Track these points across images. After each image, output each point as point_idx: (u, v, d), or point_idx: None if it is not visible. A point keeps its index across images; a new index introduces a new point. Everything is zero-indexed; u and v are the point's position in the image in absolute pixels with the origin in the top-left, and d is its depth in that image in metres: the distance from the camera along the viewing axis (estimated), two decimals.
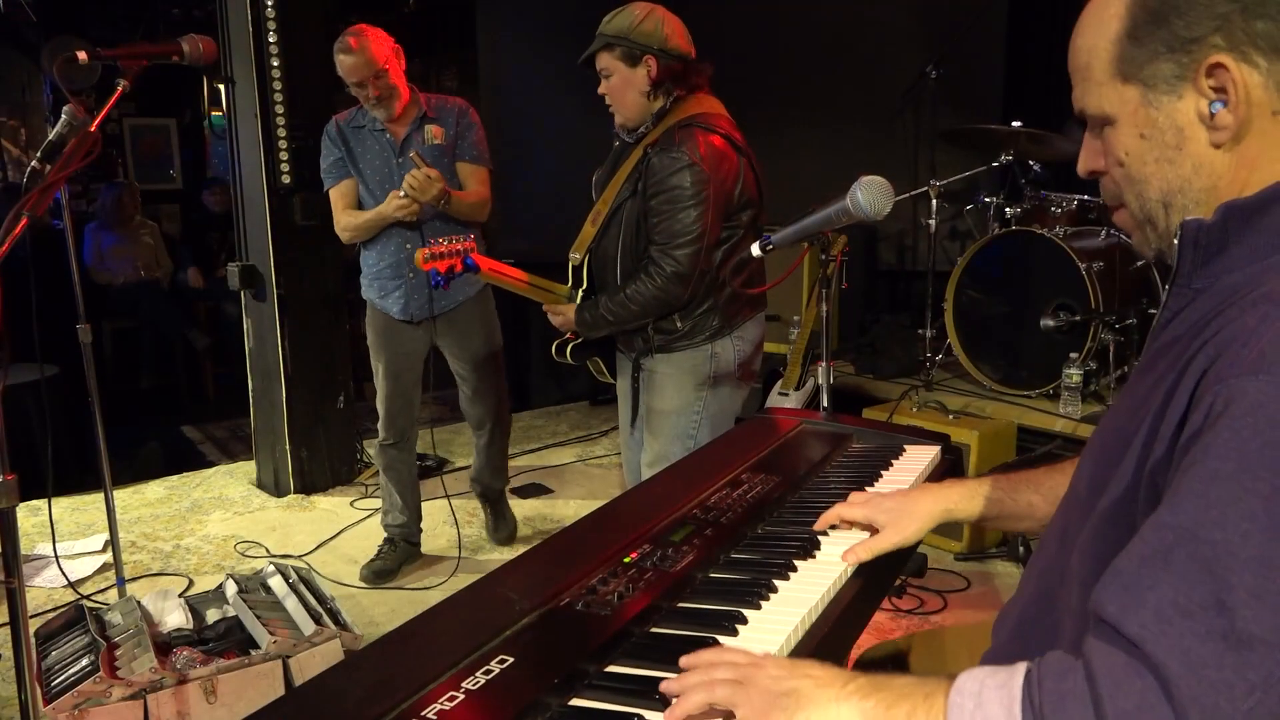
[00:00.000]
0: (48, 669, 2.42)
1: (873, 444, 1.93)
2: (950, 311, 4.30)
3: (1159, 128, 0.94)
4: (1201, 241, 0.93)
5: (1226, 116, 0.90)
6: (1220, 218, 0.92)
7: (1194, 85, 0.91)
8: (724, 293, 2.48)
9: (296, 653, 2.48)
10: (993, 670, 0.85)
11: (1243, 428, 0.77)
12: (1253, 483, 0.75)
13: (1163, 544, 0.78)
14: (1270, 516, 0.74)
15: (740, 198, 2.45)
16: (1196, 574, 0.75)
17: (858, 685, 0.93)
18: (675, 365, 2.52)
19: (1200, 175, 0.94)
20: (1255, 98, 0.89)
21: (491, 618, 1.15)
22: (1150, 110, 0.94)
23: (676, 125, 2.40)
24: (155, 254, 6.55)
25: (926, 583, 3.25)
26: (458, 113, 3.31)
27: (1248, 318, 0.83)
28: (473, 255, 2.40)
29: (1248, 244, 0.91)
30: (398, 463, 3.53)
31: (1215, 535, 0.75)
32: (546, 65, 5.44)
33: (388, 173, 3.22)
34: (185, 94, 7.99)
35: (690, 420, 2.53)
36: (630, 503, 1.72)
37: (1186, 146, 0.94)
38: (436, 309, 3.33)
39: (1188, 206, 0.96)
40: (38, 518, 3.87)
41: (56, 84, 6.60)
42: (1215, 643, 0.73)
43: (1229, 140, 0.92)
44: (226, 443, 5.40)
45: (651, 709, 1.00)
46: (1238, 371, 0.79)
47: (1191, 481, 0.79)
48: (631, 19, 2.40)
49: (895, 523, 1.40)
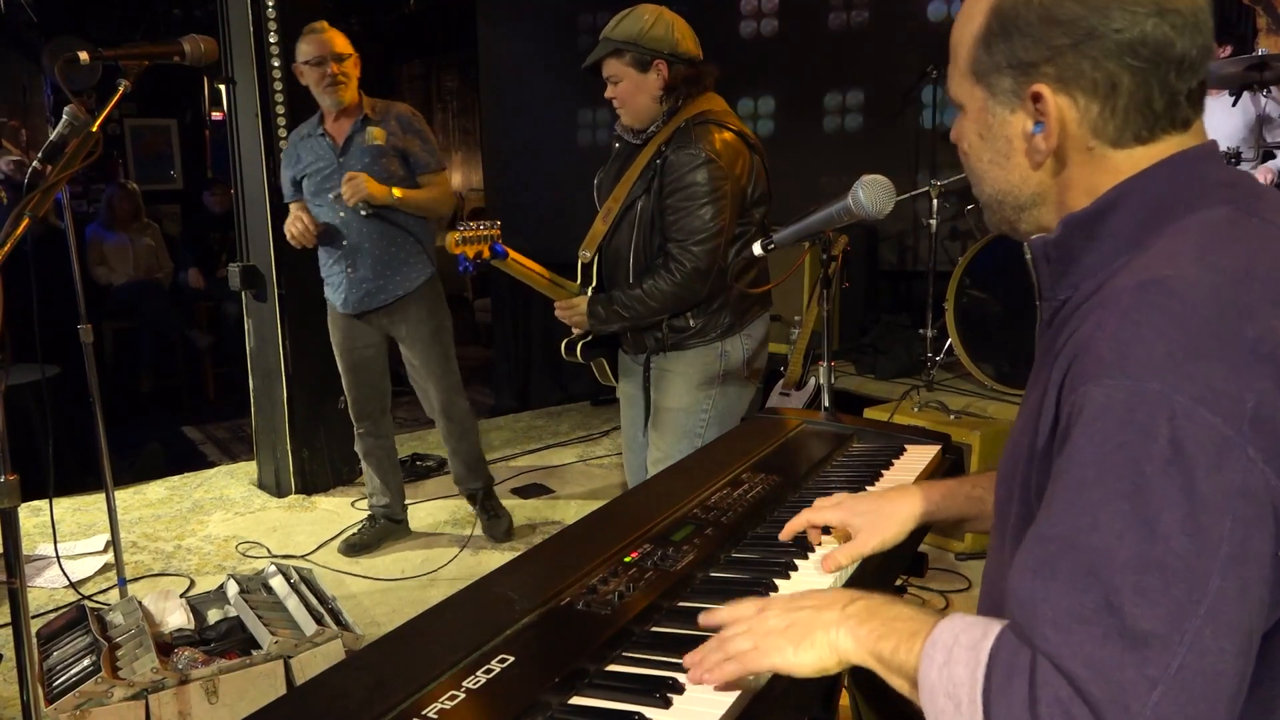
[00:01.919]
0: (49, 669, 2.42)
1: (874, 444, 1.93)
2: (951, 311, 4.30)
3: (994, 134, 0.99)
4: (1051, 255, 0.98)
5: (1041, 141, 0.95)
6: (1062, 232, 0.96)
7: (1024, 104, 0.95)
8: (735, 290, 2.48)
9: (298, 653, 2.48)
10: (969, 625, 0.87)
11: (1094, 433, 0.80)
12: (1115, 484, 0.77)
13: (1047, 555, 0.80)
14: (1138, 514, 0.76)
15: (754, 194, 2.45)
16: (1083, 580, 0.77)
17: (855, 609, 0.98)
18: (686, 363, 2.51)
19: (1026, 186, 0.99)
20: (1070, 131, 0.93)
21: (492, 617, 1.15)
22: (989, 115, 0.98)
23: (691, 122, 2.38)
24: (156, 254, 6.56)
25: (927, 583, 3.25)
26: (403, 121, 3.39)
27: (1088, 324, 0.86)
28: (501, 243, 2.39)
29: (1095, 252, 0.94)
30: (376, 449, 3.67)
31: (1092, 540, 0.78)
32: (547, 65, 5.44)
33: (330, 173, 3.33)
34: (186, 94, 8.00)
35: (698, 419, 2.52)
36: (631, 502, 1.72)
37: (1014, 158, 0.98)
38: (375, 303, 3.42)
39: (1022, 206, 1.01)
40: (39, 518, 3.87)
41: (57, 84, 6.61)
42: (1113, 644, 0.75)
43: (1047, 163, 0.96)
44: (228, 443, 5.41)
45: (652, 707, 1.00)
46: (1084, 379, 0.82)
47: (1062, 491, 0.81)
48: (641, 24, 2.36)
49: (873, 525, 1.36)
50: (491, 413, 5.61)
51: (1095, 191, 0.94)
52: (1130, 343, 0.81)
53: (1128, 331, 0.81)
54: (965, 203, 4.80)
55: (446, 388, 3.58)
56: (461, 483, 3.75)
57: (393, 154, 3.34)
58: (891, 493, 1.43)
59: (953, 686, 0.83)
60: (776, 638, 1.00)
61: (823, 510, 1.41)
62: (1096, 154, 0.93)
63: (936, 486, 1.42)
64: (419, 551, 3.67)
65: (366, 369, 3.55)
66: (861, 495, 1.44)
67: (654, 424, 2.60)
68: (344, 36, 3.33)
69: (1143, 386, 0.78)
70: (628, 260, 2.47)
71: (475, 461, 3.73)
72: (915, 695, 0.88)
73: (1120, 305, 0.84)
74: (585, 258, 2.55)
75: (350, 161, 3.28)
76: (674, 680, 1.04)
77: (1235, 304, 0.80)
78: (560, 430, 5.27)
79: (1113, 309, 0.84)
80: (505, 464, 4.68)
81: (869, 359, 4.68)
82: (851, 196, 1.76)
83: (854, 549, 1.34)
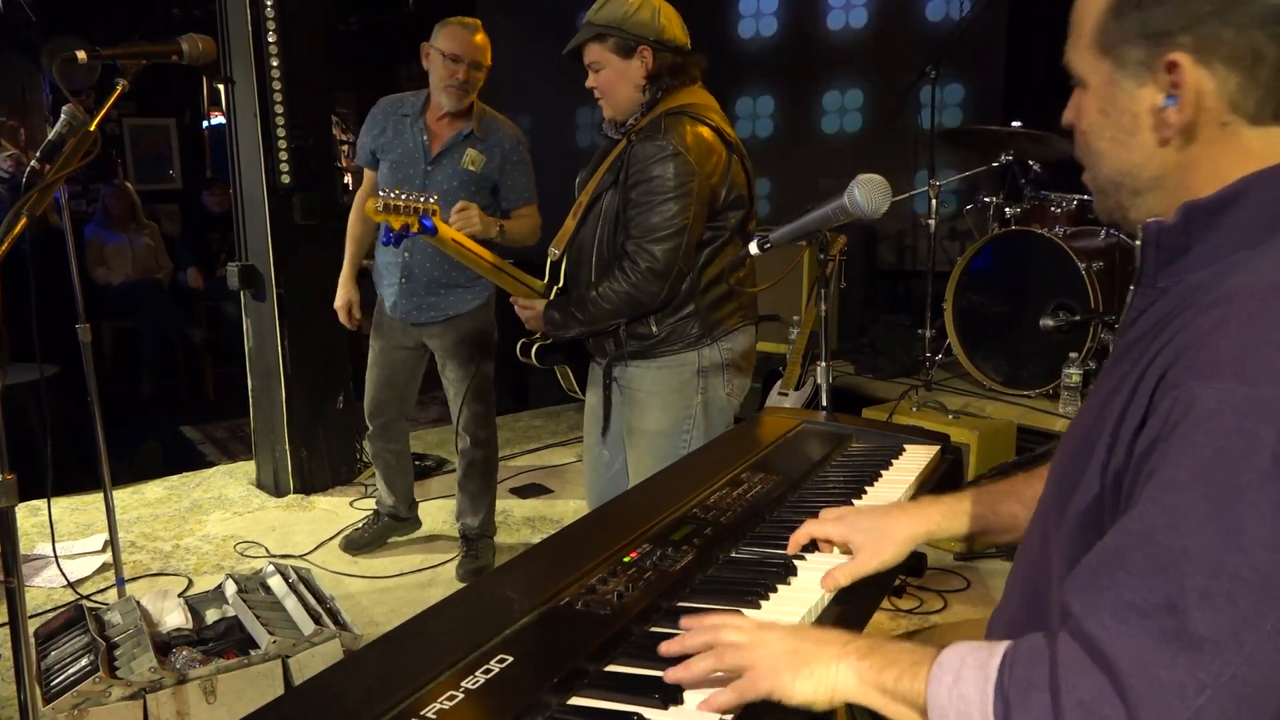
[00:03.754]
0: (47, 669, 2.42)
1: (872, 444, 1.93)
2: (950, 311, 4.30)
3: (1119, 108, 0.94)
4: (1164, 242, 0.94)
5: (1174, 115, 0.90)
6: (1181, 218, 0.92)
7: (1155, 77, 0.91)
8: (706, 298, 2.32)
9: (296, 652, 2.48)
10: (975, 647, 0.87)
11: (1196, 435, 0.78)
12: (1205, 489, 0.76)
13: (1122, 545, 0.80)
14: (1220, 522, 0.75)
15: (728, 196, 2.29)
16: (1152, 575, 0.77)
17: (856, 646, 0.98)
18: (661, 383, 2.35)
19: (1148, 166, 0.95)
20: (1206, 104, 0.89)
21: (491, 617, 1.15)
22: (1114, 89, 0.94)
23: (665, 114, 2.24)
24: (155, 254, 6.55)
25: (926, 583, 3.25)
26: (507, 150, 3.20)
27: (1204, 320, 0.83)
28: (433, 219, 2.26)
29: (1209, 243, 0.90)
30: (384, 452, 3.56)
31: (1170, 539, 0.77)
32: (546, 65, 5.43)
33: (412, 173, 3.17)
34: (185, 94, 7.99)
35: (679, 441, 2.36)
36: (630, 502, 1.72)
37: (1139, 135, 0.94)
38: (424, 318, 3.28)
39: (1139, 190, 0.97)
40: (37, 517, 3.87)
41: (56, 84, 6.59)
42: (1168, 643, 0.74)
43: (1175, 139, 0.92)
44: (226, 443, 5.40)
45: (651, 707, 1.00)
46: (1193, 376, 0.80)
47: (1151, 488, 0.80)
48: (625, 8, 2.23)
49: (873, 544, 1.34)
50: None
51: (1221, 175, 0.90)
52: (1254, 347, 0.78)
53: (1253, 335, 0.78)
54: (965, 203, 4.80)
55: (480, 418, 3.40)
56: (460, 517, 3.51)
57: (484, 184, 3.17)
58: (894, 510, 1.41)
59: (963, 705, 0.83)
60: (778, 661, 0.99)
61: (825, 524, 1.39)
62: (1230, 131, 0.89)
63: (937, 505, 1.40)
64: (418, 552, 3.67)
65: (394, 370, 3.42)
66: (865, 511, 1.42)
67: (631, 447, 2.43)
68: (490, 47, 3.14)
69: (1259, 395, 0.76)
70: (591, 257, 2.33)
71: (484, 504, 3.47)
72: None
73: (1248, 307, 0.80)
74: (554, 255, 2.42)
75: (438, 176, 3.11)
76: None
77: None
78: (560, 430, 5.27)
79: (1238, 309, 0.81)
80: (504, 464, 4.66)
81: (868, 359, 4.68)
82: (847, 196, 1.75)
83: (854, 569, 1.33)
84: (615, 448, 2.53)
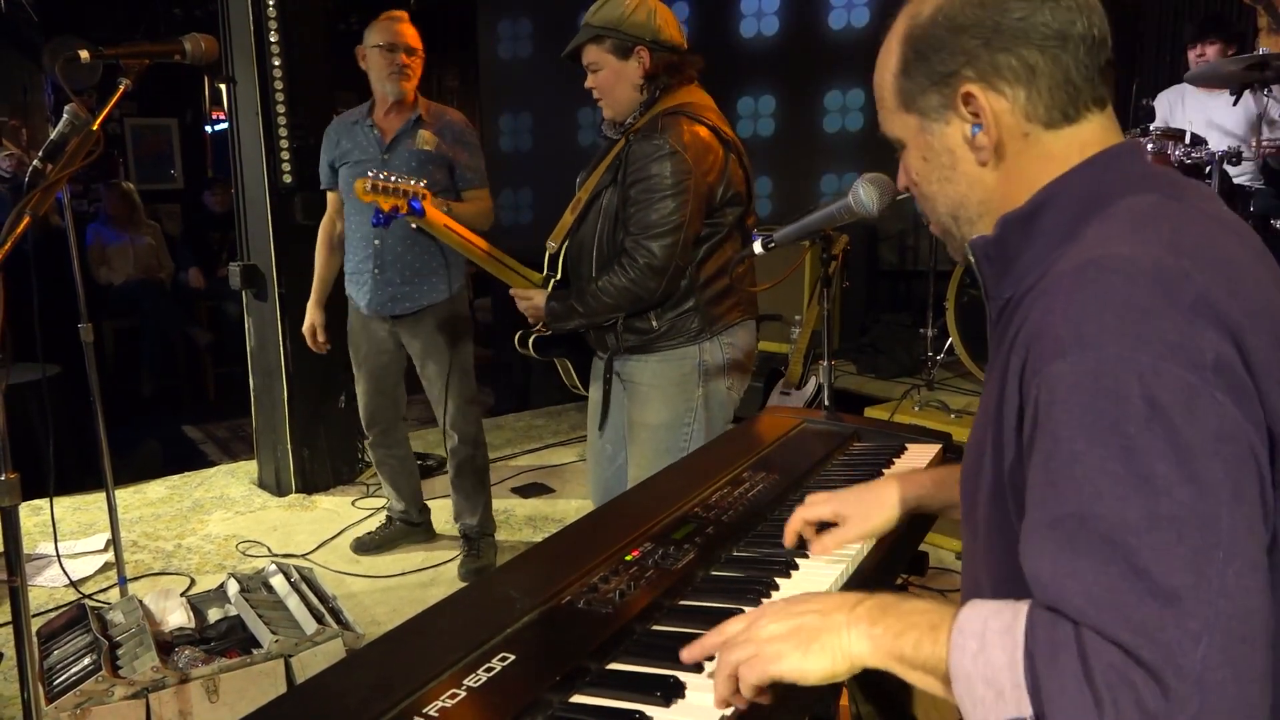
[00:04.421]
0: (50, 668, 2.42)
1: (874, 443, 1.93)
2: (952, 311, 4.30)
3: (935, 151, 1.04)
4: (991, 254, 1.03)
5: (983, 138, 1.00)
6: (999, 230, 1.01)
7: (956, 112, 1.01)
8: (706, 293, 2.35)
9: (298, 652, 2.49)
10: (996, 610, 0.85)
11: (1073, 406, 0.82)
12: (1105, 449, 0.80)
13: (1063, 535, 0.81)
14: (1134, 474, 0.78)
15: (725, 194, 2.32)
16: (1103, 551, 0.78)
17: (865, 609, 0.95)
18: (662, 376, 2.38)
19: (975, 191, 1.04)
20: (1005, 122, 0.99)
21: (493, 616, 1.15)
22: (928, 136, 1.04)
23: (662, 113, 2.28)
24: (157, 254, 6.56)
25: (927, 582, 3.25)
26: (455, 131, 3.30)
27: (1036, 313, 0.90)
28: (423, 201, 2.28)
29: (1034, 249, 0.98)
30: (388, 459, 3.60)
31: (1099, 509, 0.79)
32: (546, 65, 5.44)
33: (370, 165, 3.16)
34: (186, 94, 8.00)
35: (680, 435, 2.38)
36: (631, 501, 1.72)
37: (959, 166, 1.03)
38: (398, 309, 3.31)
39: (971, 219, 1.06)
40: (39, 517, 3.87)
41: (58, 83, 6.61)
42: (1149, 605, 0.76)
43: (991, 159, 1.01)
44: (228, 442, 5.41)
45: (653, 705, 1.00)
46: (1046, 360, 0.85)
47: (1057, 469, 0.83)
48: (622, 9, 2.28)
49: (862, 512, 1.38)
50: (491, 412, 5.60)
51: (1031, 183, 0.99)
52: (1081, 318, 0.84)
53: (1075, 309, 0.85)
54: None
55: (461, 411, 3.43)
56: (458, 518, 3.53)
57: (440, 162, 3.24)
58: (885, 479, 1.45)
59: (992, 672, 0.82)
60: (779, 644, 0.96)
61: (815, 506, 1.40)
62: (1032, 140, 0.99)
63: (928, 474, 1.43)
64: (419, 551, 3.67)
65: (381, 376, 3.47)
66: (854, 488, 1.44)
67: (632, 440, 2.45)
68: (417, 33, 3.28)
69: (1105, 354, 0.81)
70: (592, 252, 2.37)
71: (478, 500, 3.49)
72: (944, 690, 0.87)
73: (1063, 288, 0.87)
74: (552, 248, 2.45)
75: (395, 162, 3.16)
76: (675, 679, 1.04)
77: (1170, 270, 0.83)
78: (559, 430, 5.27)
79: (1056, 294, 0.88)
80: (505, 463, 4.68)
81: (869, 358, 4.68)
82: (852, 195, 1.76)
83: (842, 535, 1.36)
84: (618, 442, 2.55)
